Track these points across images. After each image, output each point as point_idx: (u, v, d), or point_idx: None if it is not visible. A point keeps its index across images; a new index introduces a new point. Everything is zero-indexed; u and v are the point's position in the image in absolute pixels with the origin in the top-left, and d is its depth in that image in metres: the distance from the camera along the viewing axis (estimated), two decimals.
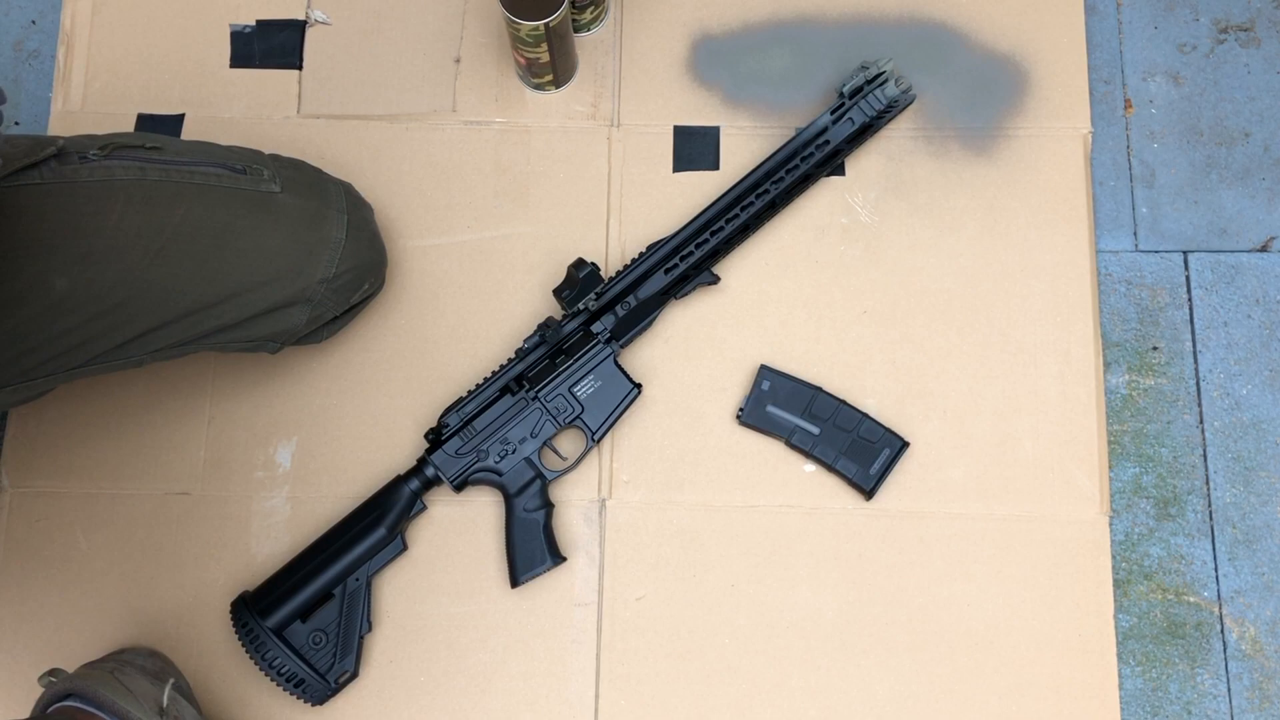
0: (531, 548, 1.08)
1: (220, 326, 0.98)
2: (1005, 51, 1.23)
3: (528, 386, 1.10)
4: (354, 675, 1.07)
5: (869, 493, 1.11)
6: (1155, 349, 1.21)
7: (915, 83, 1.19)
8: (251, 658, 1.05)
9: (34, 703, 0.98)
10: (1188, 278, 1.23)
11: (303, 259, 1.00)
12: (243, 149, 1.03)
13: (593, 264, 1.11)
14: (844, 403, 1.12)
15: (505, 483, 1.09)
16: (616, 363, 1.11)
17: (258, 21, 1.26)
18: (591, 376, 1.10)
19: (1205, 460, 1.18)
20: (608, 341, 1.11)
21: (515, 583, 1.09)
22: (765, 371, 1.13)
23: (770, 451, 1.13)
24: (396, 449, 1.14)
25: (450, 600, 1.12)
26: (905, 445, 1.11)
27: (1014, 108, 1.21)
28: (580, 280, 1.11)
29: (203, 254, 0.95)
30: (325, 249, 1.01)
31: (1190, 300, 1.22)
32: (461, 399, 1.10)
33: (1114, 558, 1.12)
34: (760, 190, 1.13)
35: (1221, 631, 1.13)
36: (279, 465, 1.15)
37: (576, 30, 1.23)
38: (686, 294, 1.14)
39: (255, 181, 0.99)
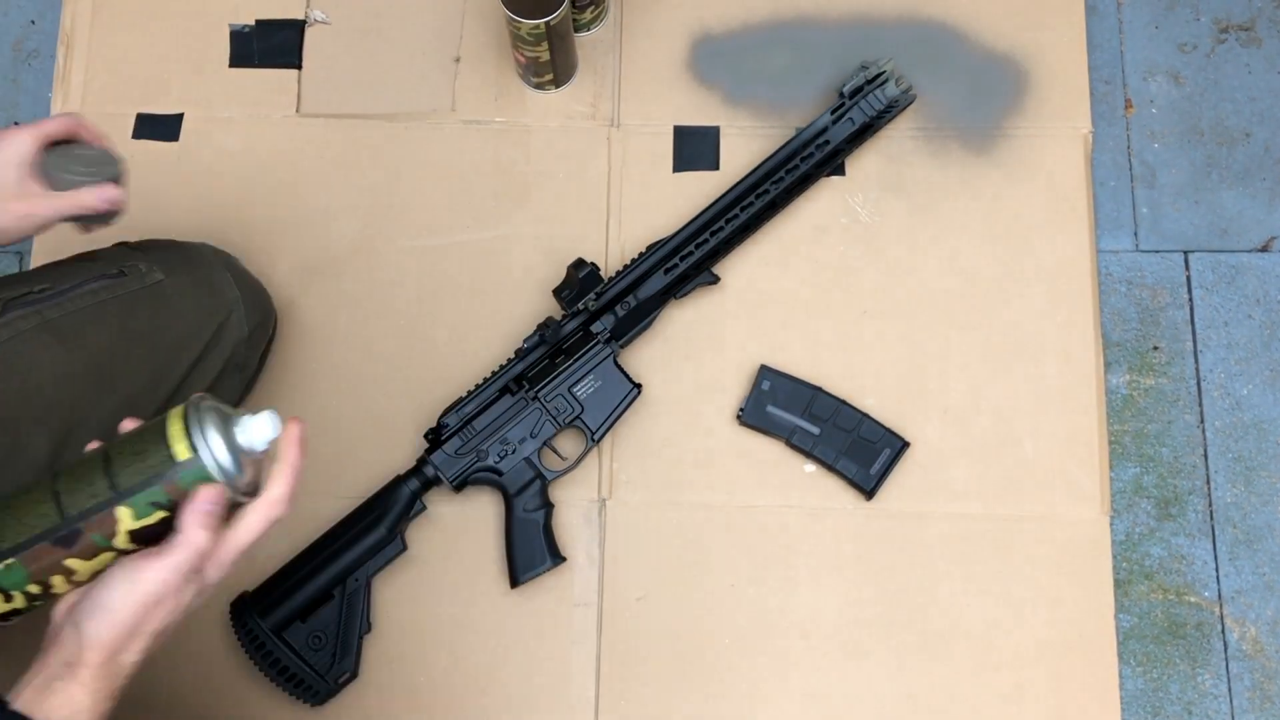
0: (531, 548, 1.08)
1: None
2: (1005, 51, 1.22)
3: (527, 386, 1.09)
4: (354, 675, 1.07)
5: (869, 493, 1.11)
6: (1156, 349, 1.21)
7: (915, 82, 1.19)
8: (251, 658, 1.05)
9: None
10: (1188, 278, 1.23)
11: (217, 331, 1.02)
12: (105, 249, 1.02)
13: (592, 264, 1.11)
14: (844, 403, 1.12)
15: (505, 483, 1.09)
16: (616, 363, 1.11)
17: (257, 21, 1.26)
18: (591, 376, 1.10)
19: (1206, 460, 1.18)
20: (607, 341, 1.11)
21: (515, 583, 1.09)
22: (765, 371, 1.13)
23: (770, 451, 1.13)
24: (396, 449, 1.14)
25: (450, 600, 1.11)
26: (905, 445, 1.11)
27: (1014, 108, 1.21)
28: (580, 280, 1.11)
29: (126, 364, 0.96)
30: (230, 312, 1.03)
31: (1191, 300, 1.22)
32: (461, 399, 1.10)
33: (1114, 558, 1.11)
34: (760, 190, 1.13)
35: (1222, 631, 1.13)
36: None
37: (576, 30, 1.23)
38: (686, 294, 1.14)
39: (138, 279, 0.99)
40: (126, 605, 0.66)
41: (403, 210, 1.21)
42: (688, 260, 1.12)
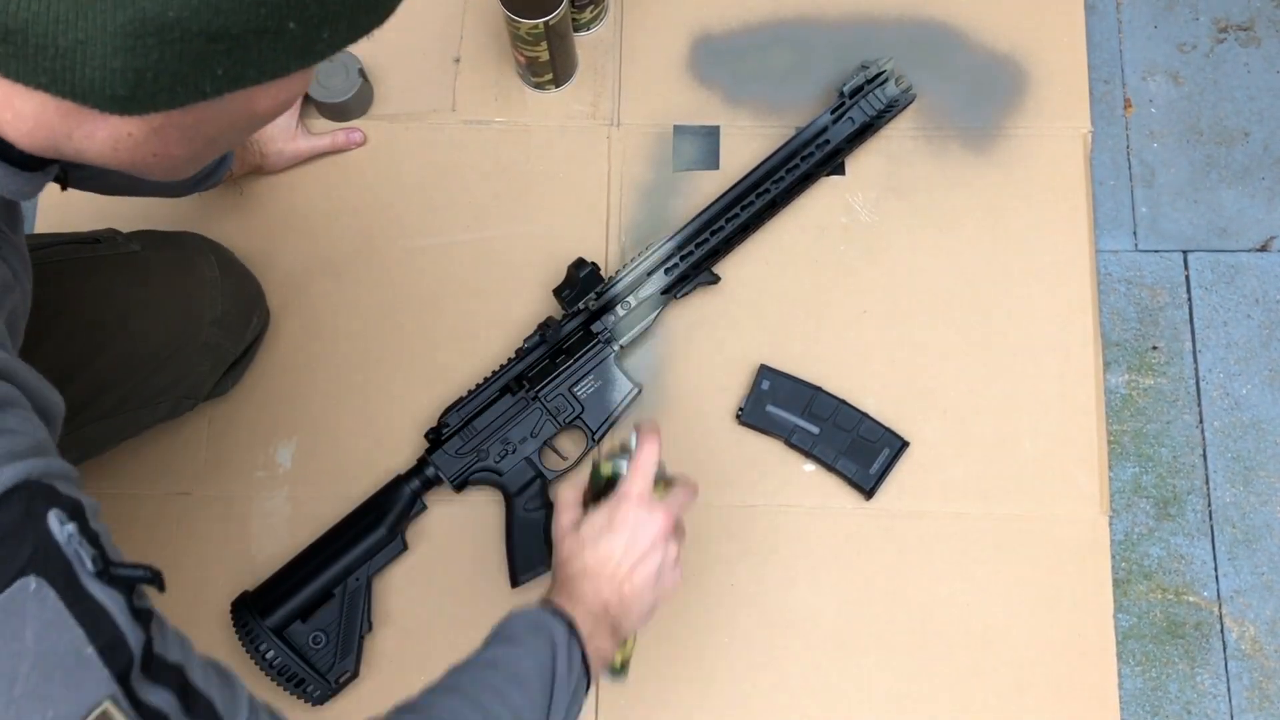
0: (532, 548, 1.08)
1: (132, 390, 0.98)
2: (1005, 51, 1.23)
3: (528, 386, 1.09)
4: (354, 675, 1.07)
5: (869, 492, 1.11)
6: (1155, 349, 1.21)
7: (915, 82, 1.19)
8: (251, 657, 1.05)
9: None
10: (1187, 277, 1.23)
11: (187, 303, 1.01)
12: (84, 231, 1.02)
13: (593, 264, 1.11)
14: (844, 402, 1.12)
15: (505, 483, 1.09)
16: (616, 362, 1.11)
17: None
18: (591, 376, 1.10)
19: (1205, 460, 1.18)
20: (608, 341, 1.11)
21: (515, 583, 1.09)
22: (765, 371, 1.13)
23: (770, 451, 1.13)
24: (396, 449, 1.14)
25: (450, 600, 1.11)
26: (905, 445, 1.11)
27: (1014, 107, 1.21)
28: (580, 280, 1.11)
29: (88, 325, 0.94)
30: (205, 289, 1.03)
31: (1190, 300, 1.22)
32: (462, 399, 1.10)
33: (1114, 557, 1.12)
34: (760, 190, 1.13)
35: (1221, 631, 1.13)
36: (279, 465, 1.15)
37: (576, 29, 1.23)
38: (686, 294, 1.14)
39: (113, 246, 0.99)
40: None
41: (403, 210, 1.21)
42: (688, 260, 1.12)
